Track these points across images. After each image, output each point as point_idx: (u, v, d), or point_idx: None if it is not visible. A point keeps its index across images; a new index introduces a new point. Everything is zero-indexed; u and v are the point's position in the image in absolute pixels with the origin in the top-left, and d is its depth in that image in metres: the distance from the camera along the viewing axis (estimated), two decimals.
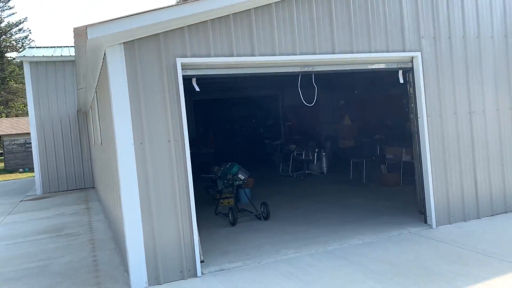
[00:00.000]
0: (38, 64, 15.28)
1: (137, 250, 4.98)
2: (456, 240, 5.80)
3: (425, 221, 6.55)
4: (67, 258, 6.68)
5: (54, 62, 15.49)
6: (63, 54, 15.79)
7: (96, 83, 7.99)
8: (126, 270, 5.69)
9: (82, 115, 15.71)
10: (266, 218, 7.65)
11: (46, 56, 15.37)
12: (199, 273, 5.19)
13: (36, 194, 14.95)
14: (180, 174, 5.18)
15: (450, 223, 6.54)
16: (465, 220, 6.65)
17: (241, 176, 7.65)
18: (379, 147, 11.70)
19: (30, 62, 15.16)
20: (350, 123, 14.80)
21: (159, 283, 5.04)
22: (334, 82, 12.89)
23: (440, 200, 6.49)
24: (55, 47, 18.15)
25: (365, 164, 11.36)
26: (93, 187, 15.77)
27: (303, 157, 12.78)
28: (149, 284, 5.01)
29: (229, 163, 7.87)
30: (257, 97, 17.10)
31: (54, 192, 15.36)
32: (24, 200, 13.83)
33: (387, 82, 11.97)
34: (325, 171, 12.99)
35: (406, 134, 11.37)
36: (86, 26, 4.55)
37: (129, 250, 4.94)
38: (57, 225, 9.47)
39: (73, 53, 16.12)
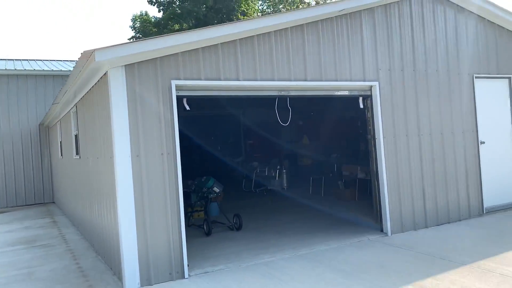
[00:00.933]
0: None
1: (131, 254, 5.45)
2: (408, 245, 6.69)
3: (382, 230, 7.43)
4: (50, 266, 6.95)
5: (17, 75, 15.44)
6: (26, 68, 15.79)
7: (77, 99, 8.38)
8: (114, 274, 6.11)
9: (44, 129, 15.67)
10: (239, 228, 8.26)
11: (8, 70, 15.30)
12: (186, 275, 5.72)
13: None
14: (172, 184, 5.74)
15: (402, 231, 7.46)
16: (415, 229, 7.60)
17: (216, 189, 8.25)
18: (336, 165, 12.67)
19: None
20: (308, 143, 15.77)
21: (150, 284, 5.52)
22: (295, 105, 13.81)
23: (394, 211, 7.41)
24: (13, 59, 18.05)
25: (324, 180, 12.27)
26: (53, 202, 15.69)
27: (266, 173, 13.53)
28: (141, 285, 5.48)
29: (205, 177, 8.44)
30: (219, 116, 17.76)
31: (12, 206, 15.14)
32: None
33: (343, 107, 13.09)
34: (285, 187, 13.79)
35: (360, 153, 12.45)
36: (94, 50, 5.09)
37: (125, 254, 5.41)
38: (27, 237, 9.57)
39: (36, 67, 16.14)
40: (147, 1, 38.88)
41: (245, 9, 37.26)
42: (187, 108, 6.04)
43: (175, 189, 5.75)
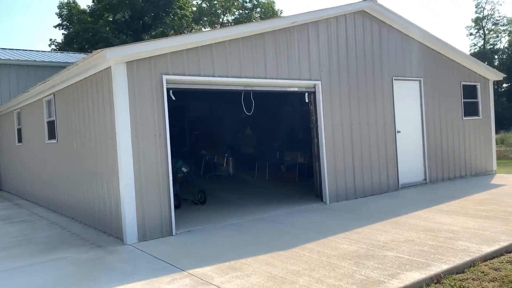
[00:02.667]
0: None
1: (131, 217, 6.72)
2: (343, 209, 8.56)
3: (322, 200, 9.26)
4: (44, 233, 7.95)
5: None
6: None
7: (55, 88, 9.31)
8: (110, 235, 7.31)
9: None
10: (203, 203, 9.69)
11: None
12: (174, 233, 7.10)
13: None
14: (162, 161, 7.07)
15: (337, 201, 9.34)
16: (347, 199, 9.51)
17: (184, 169, 9.60)
18: (278, 152, 14.46)
19: None
20: (250, 133, 17.43)
21: (145, 240, 6.83)
22: (239, 99, 15.39)
23: (331, 185, 9.26)
24: None
25: (268, 166, 13.99)
26: (0, 189, 15.95)
27: (215, 160, 14.98)
28: (139, 240, 6.78)
29: (174, 158, 9.74)
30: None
31: None
32: None
33: (283, 102, 14.90)
34: (231, 173, 15.34)
35: (299, 142, 14.32)
36: (105, 50, 6.30)
37: (127, 217, 6.67)
38: (1, 216, 10.26)
39: None
40: None
41: (182, 4, 38.02)
42: (173, 98, 7.37)
43: (165, 165, 7.09)
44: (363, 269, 5.02)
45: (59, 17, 41.91)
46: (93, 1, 39.02)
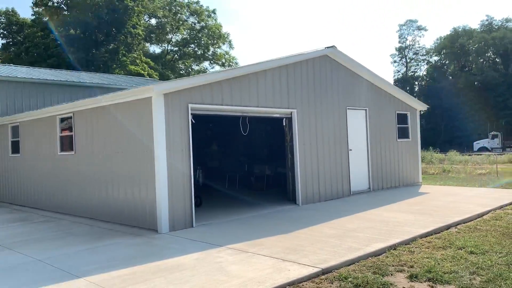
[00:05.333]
0: None
1: (165, 213, 8.74)
2: (313, 208, 11.07)
3: (295, 203, 11.73)
4: (78, 229, 9.64)
5: None
6: None
7: (76, 108, 11.06)
8: (141, 228, 9.22)
9: None
10: (199, 205, 11.76)
11: None
12: (194, 225, 9.20)
13: None
14: (186, 169, 9.17)
15: (307, 203, 11.86)
16: (314, 202, 12.06)
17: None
18: (246, 165, 16.81)
19: None
20: (216, 148, 19.64)
21: (174, 230, 8.87)
22: (209, 120, 17.64)
23: (303, 191, 11.77)
24: None
25: (238, 177, 16.29)
26: None
27: None
28: (170, 230, 8.80)
29: None
30: None
31: None
32: None
33: (254, 124, 17.25)
34: (201, 183, 17.39)
35: (265, 156, 16.77)
36: (153, 86, 8.39)
37: (162, 213, 8.69)
38: (15, 218, 11.61)
39: None
40: (33, 2, 38.60)
41: (135, 23, 39.45)
42: (193, 121, 9.53)
43: (188, 172, 9.20)
44: (345, 243, 7.50)
45: None
46: (34, 13, 39.38)
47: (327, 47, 12.64)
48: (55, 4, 38.91)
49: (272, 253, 6.91)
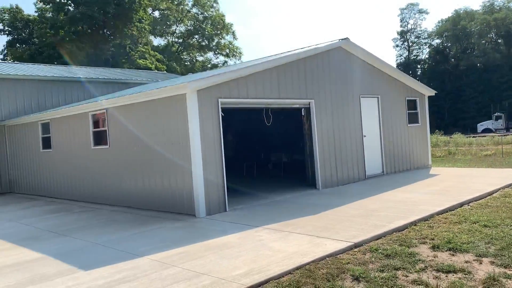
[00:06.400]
0: None
1: (201, 199, 9.56)
2: (334, 193, 11.87)
3: (315, 187, 12.54)
4: (119, 216, 10.48)
5: None
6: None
7: (109, 105, 11.83)
8: (180, 213, 10.03)
9: (7, 129, 17.58)
10: None
11: None
12: (227, 210, 10.02)
13: None
14: (217, 158, 9.96)
15: (326, 187, 12.66)
16: (332, 186, 12.86)
17: None
18: (263, 153, 17.62)
19: None
20: (231, 138, 20.43)
21: (210, 214, 9.69)
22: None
23: (322, 176, 12.55)
24: None
25: (255, 165, 17.10)
26: (10, 192, 17.68)
27: None
28: (206, 215, 9.63)
29: None
30: None
31: None
32: None
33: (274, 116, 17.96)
34: None
35: (283, 145, 17.55)
36: (187, 83, 9.14)
37: (200, 199, 9.50)
38: (52, 209, 12.47)
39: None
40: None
41: (141, 17, 39.98)
42: (223, 115, 10.28)
43: (220, 161, 10.00)
44: (370, 221, 8.29)
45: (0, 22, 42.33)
46: (37, 9, 39.97)
47: (340, 39, 13.33)
48: (63, 1, 39.38)
49: (306, 232, 7.72)
